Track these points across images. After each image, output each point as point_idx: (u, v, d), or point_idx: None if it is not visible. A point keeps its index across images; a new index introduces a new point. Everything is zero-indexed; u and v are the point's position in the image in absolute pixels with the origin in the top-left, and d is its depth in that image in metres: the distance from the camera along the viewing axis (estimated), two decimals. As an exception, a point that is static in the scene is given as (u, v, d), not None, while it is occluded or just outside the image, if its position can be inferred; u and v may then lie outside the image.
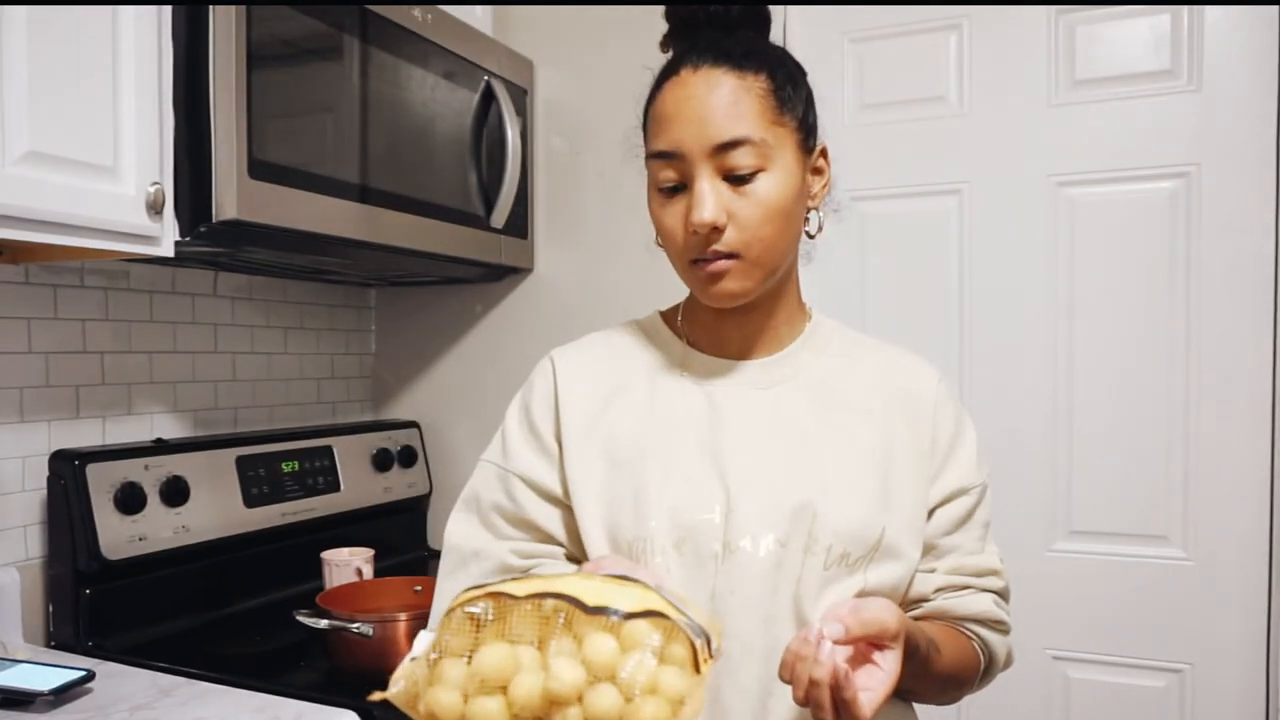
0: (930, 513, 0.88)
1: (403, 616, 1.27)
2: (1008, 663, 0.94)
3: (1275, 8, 1.47)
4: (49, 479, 1.37)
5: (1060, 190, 1.62)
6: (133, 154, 1.16)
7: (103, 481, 1.37)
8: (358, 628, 1.24)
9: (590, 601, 0.61)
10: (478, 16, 1.83)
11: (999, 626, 0.90)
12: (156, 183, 1.18)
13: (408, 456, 1.97)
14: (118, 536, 1.37)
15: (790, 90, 0.84)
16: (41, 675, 1.14)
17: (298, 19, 1.33)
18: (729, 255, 0.82)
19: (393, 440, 1.95)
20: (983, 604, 0.89)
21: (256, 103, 1.25)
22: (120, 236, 1.16)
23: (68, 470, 1.35)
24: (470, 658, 0.61)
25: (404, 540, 1.99)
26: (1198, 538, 1.55)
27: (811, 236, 0.91)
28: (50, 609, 1.39)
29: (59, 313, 1.46)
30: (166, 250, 1.23)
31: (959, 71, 1.68)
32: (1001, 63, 1.65)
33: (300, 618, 1.27)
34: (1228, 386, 1.52)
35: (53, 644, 1.38)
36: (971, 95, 1.67)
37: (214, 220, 1.22)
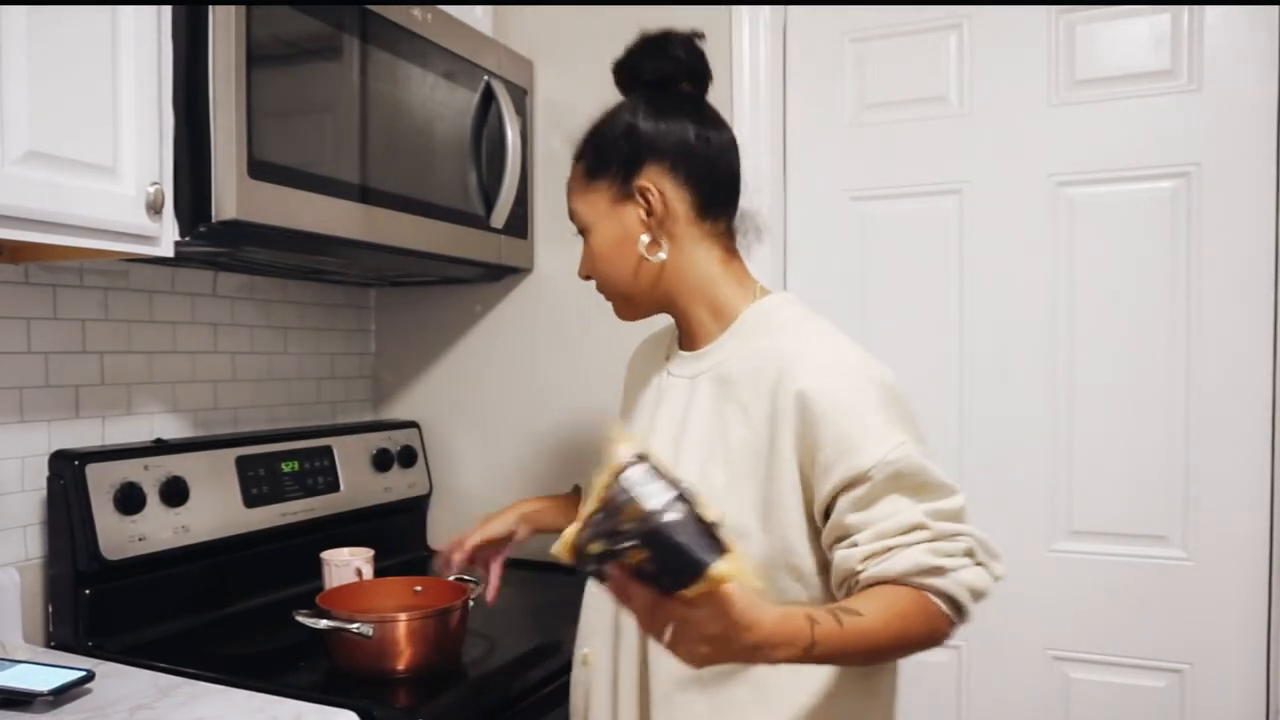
0: (833, 502, 0.93)
1: (403, 617, 1.26)
2: (979, 594, 0.93)
3: (1275, 8, 1.47)
4: (49, 479, 1.37)
5: (1060, 190, 1.62)
6: (132, 154, 1.16)
7: (102, 481, 1.36)
8: (357, 628, 1.23)
9: None
10: (477, 16, 1.83)
11: (937, 572, 0.89)
12: (156, 183, 1.18)
13: (408, 456, 1.97)
14: (117, 536, 1.37)
15: (599, 161, 1.06)
16: (41, 675, 1.14)
17: (297, 19, 1.33)
18: (602, 291, 1.10)
19: (393, 440, 1.95)
20: (911, 558, 0.89)
21: (256, 103, 1.25)
22: (120, 236, 1.16)
23: (67, 470, 1.34)
24: None
25: (404, 540, 1.99)
26: (1198, 538, 1.55)
27: (647, 258, 1.04)
28: (50, 609, 1.39)
29: (59, 313, 1.46)
30: (166, 250, 1.23)
31: (959, 71, 1.68)
32: (1001, 63, 1.65)
33: (300, 618, 1.27)
34: (1228, 386, 1.52)
35: (52, 644, 1.38)
36: (971, 95, 1.67)
37: (214, 220, 1.22)
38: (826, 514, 0.94)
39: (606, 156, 1.05)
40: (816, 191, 1.78)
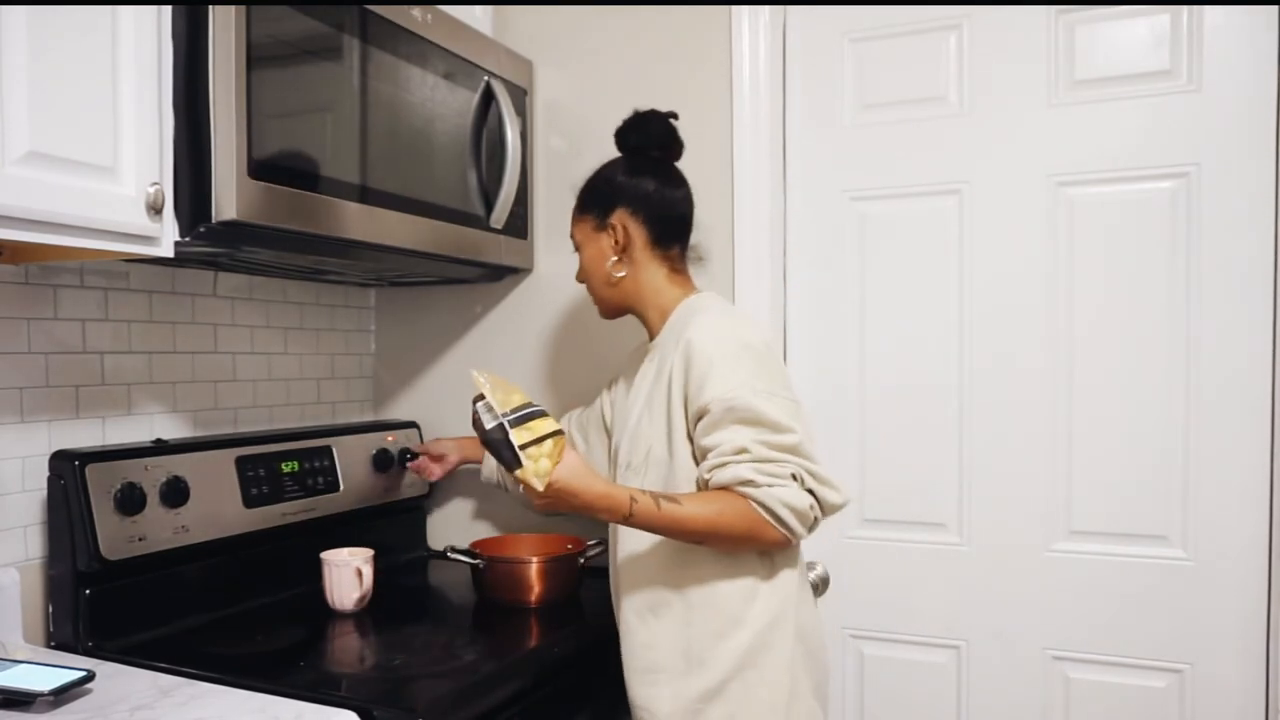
0: (695, 426, 1.25)
1: (532, 560, 1.64)
2: (795, 509, 1.19)
3: (1275, 8, 1.47)
4: (49, 479, 1.37)
5: (1060, 190, 1.62)
6: (132, 154, 1.16)
7: (103, 482, 1.36)
8: (473, 561, 1.65)
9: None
10: (477, 16, 1.83)
11: (752, 484, 1.18)
12: (156, 183, 1.18)
13: (407, 457, 1.97)
14: (118, 537, 1.37)
15: (588, 200, 1.44)
16: (41, 675, 1.14)
17: (297, 19, 1.33)
18: (590, 294, 1.49)
19: (393, 440, 1.95)
20: (733, 471, 1.19)
21: (256, 103, 1.25)
22: (120, 237, 1.16)
23: (68, 471, 1.35)
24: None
25: (404, 540, 1.99)
26: (1198, 538, 1.55)
27: (613, 274, 1.41)
28: (50, 609, 1.39)
29: (59, 313, 1.46)
30: (166, 250, 1.23)
31: (959, 71, 1.68)
32: (1001, 63, 1.65)
33: (450, 554, 1.68)
34: (1228, 386, 1.52)
35: (53, 644, 1.38)
36: (971, 95, 1.67)
37: (213, 220, 1.22)
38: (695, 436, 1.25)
39: (592, 198, 1.44)
40: (816, 191, 1.78)
